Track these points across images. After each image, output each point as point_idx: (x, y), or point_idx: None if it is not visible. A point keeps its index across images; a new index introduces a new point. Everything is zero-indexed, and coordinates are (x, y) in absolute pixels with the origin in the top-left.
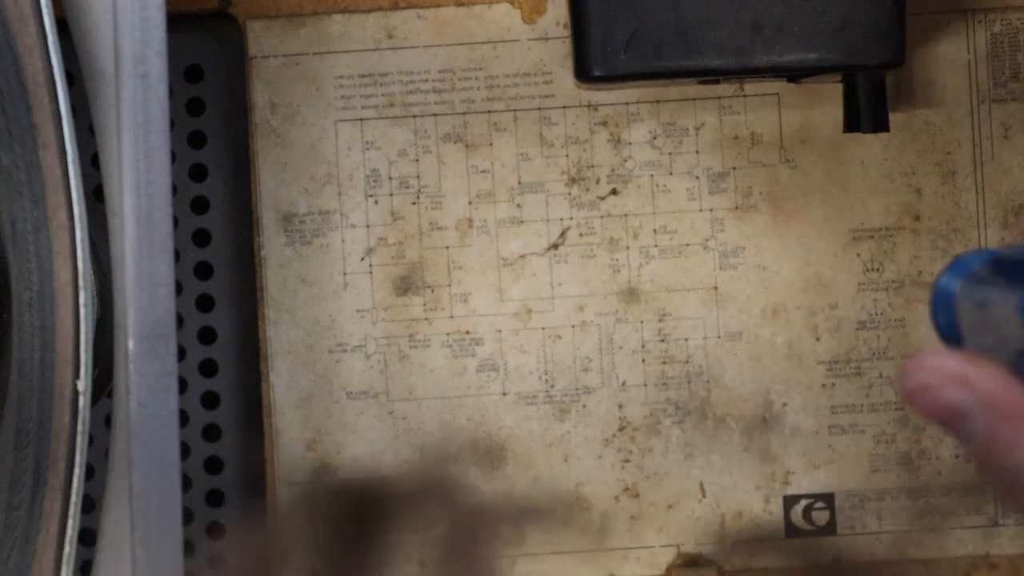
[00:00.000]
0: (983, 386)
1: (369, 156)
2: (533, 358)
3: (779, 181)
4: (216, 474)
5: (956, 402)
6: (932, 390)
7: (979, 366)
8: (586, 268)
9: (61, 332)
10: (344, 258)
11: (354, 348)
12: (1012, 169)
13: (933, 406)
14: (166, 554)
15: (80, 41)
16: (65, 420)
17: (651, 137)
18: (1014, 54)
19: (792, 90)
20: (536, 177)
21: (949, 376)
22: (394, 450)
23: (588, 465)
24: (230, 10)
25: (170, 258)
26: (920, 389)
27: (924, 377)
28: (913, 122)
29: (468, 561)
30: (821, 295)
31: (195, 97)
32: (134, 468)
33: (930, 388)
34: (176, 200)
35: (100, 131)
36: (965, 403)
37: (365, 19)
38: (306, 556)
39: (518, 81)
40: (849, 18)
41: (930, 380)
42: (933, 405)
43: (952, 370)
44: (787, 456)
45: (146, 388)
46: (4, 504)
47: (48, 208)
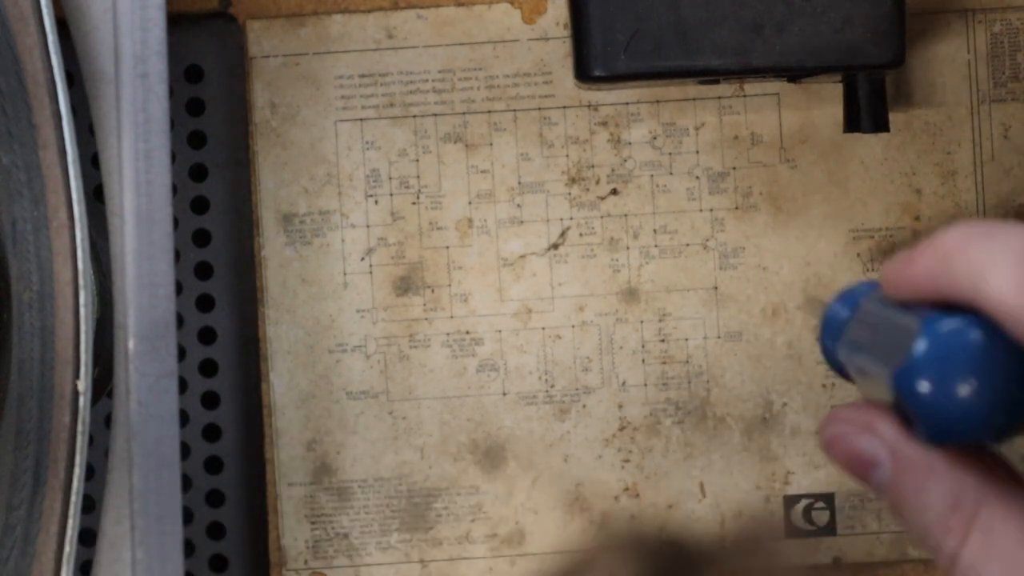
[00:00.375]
0: (888, 435)
1: (369, 156)
2: (533, 358)
3: (779, 181)
4: (216, 474)
5: (865, 451)
6: (844, 438)
7: (884, 416)
8: (586, 268)
9: (61, 332)
10: (344, 258)
11: (354, 348)
12: (1012, 169)
13: (846, 455)
14: (166, 554)
15: (80, 41)
16: (65, 420)
17: (651, 137)
18: (1014, 54)
19: (792, 90)
20: (536, 177)
21: (858, 425)
22: (394, 450)
23: (588, 465)
24: (230, 10)
25: (170, 258)
26: (834, 438)
27: (837, 427)
28: (913, 122)
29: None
30: (821, 295)
31: (195, 97)
32: (134, 468)
33: (842, 437)
34: (176, 200)
35: (100, 131)
36: (873, 452)
37: (365, 19)
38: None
39: (518, 81)
40: (849, 18)
41: (842, 430)
42: (846, 454)
43: (861, 419)
44: (787, 456)
45: (146, 388)
46: (4, 504)
47: (48, 208)
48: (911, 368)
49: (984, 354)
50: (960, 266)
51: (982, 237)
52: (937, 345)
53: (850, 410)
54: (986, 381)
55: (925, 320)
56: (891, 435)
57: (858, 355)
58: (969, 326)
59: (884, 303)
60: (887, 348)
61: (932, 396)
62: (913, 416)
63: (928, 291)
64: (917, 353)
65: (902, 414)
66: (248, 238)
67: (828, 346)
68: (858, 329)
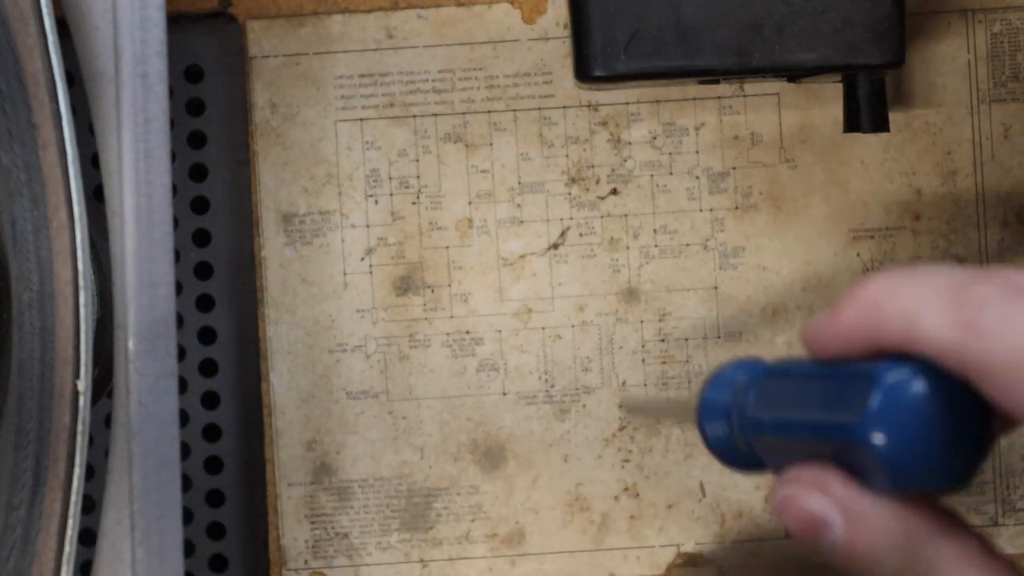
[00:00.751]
0: (838, 492)
1: (369, 156)
2: (533, 358)
3: (779, 181)
4: (216, 474)
5: (816, 510)
6: (795, 499)
7: (832, 472)
8: (586, 268)
9: (61, 332)
10: (344, 258)
11: (354, 348)
12: (1012, 169)
13: (798, 516)
14: (166, 554)
15: (80, 41)
16: (65, 420)
17: (651, 137)
18: (1014, 54)
19: (792, 90)
20: (536, 177)
21: (807, 483)
22: (394, 450)
23: (588, 465)
24: (230, 10)
25: (170, 258)
26: (784, 501)
27: (787, 489)
28: (913, 122)
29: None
30: (821, 295)
31: (195, 97)
32: (134, 468)
33: (793, 499)
34: (176, 200)
35: (100, 131)
36: (824, 510)
37: (365, 19)
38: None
39: (518, 81)
40: (849, 18)
41: (791, 491)
42: (798, 515)
43: (810, 478)
44: None
45: (146, 388)
46: (4, 504)
47: (48, 208)
48: (868, 420)
49: (938, 398)
50: (890, 312)
51: (909, 280)
52: (893, 394)
53: (797, 471)
54: (944, 424)
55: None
56: (841, 491)
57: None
58: (919, 371)
59: (805, 366)
60: (828, 407)
61: (894, 446)
62: (872, 467)
63: (858, 344)
64: (873, 404)
65: (852, 467)
66: (248, 238)
67: (714, 434)
68: (772, 398)
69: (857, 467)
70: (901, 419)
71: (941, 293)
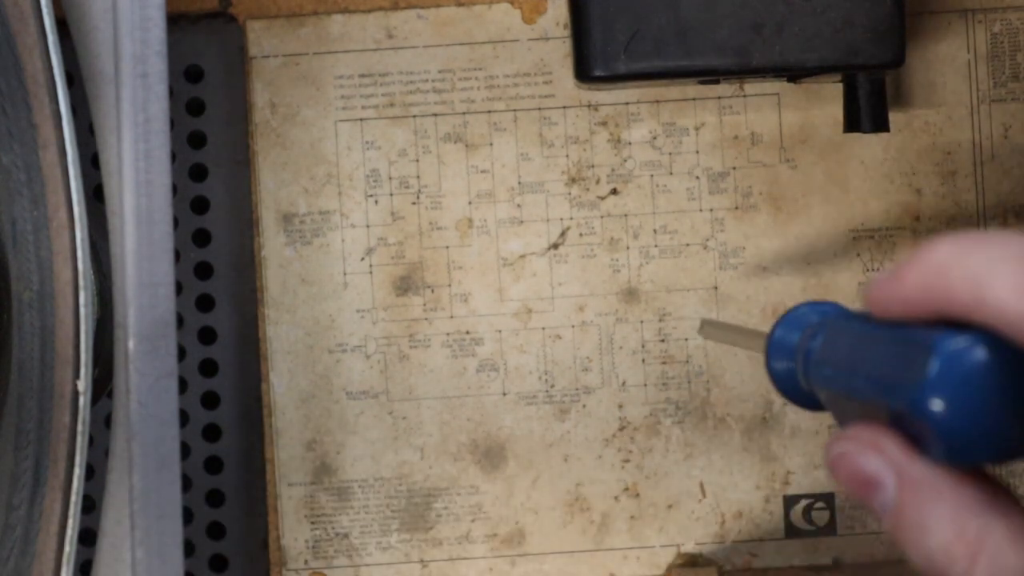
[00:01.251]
0: (894, 455)
1: (369, 156)
2: (533, 358)
3: (779, 181)
4: (216, 474)
5: (871, 470)
6: (850, 456)
7: (890, 435)
8: (586, 268)
9: (61, 332)
10: (344, 258)
11: (354, 348)
12: (1012, 169)
13: (851, 473)
14: (166, 554)
15: (80, 41)
16: (65, 420)
17: (651, 137)
18: (1014, 54)
19: (792, 90)
20: (536, 177)
21: (864, 443)
22: (394, 450)
23: (588, 465)
24: (230, 10)
25: (170, 258)
26: (839, 458)
27: (843, 445)
28: (913, 122)
29: None
30: (821, 295)
31: (195, 97)
32: (134, 468)
33: (848, 456)
34: (176, 200)
35: (100, 131)
36: (878, 471)
37: (365, 19)
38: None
39: (518, 81)
40: (849, 18)
41: (847, 448)
42: (851, 472)
43: (866, 438)
44: (787, 456)
45: (146, 388)
46: (4, 504)
47: (48, 208)
48: (927, 387)
49: (999, 368)
50: (957, 278)
51: (978, 246)
52: (952, 362)
53: (856, 429)
54: (1004, 396)
55: (932, 337)
56: (897, 454)
57: (843, 382)
58: (981, 341)
59: (869, 324)
60: (887, 371)
61: (951, 415)
62: (928, 435)
63: (921, 307)
64: (932, 372)
65: (908, 432)
66: (248, 238)
67: (780, 369)
68: (836, 351)
69: (913, 433)
70: (959, 389)
71: (1011, 261)
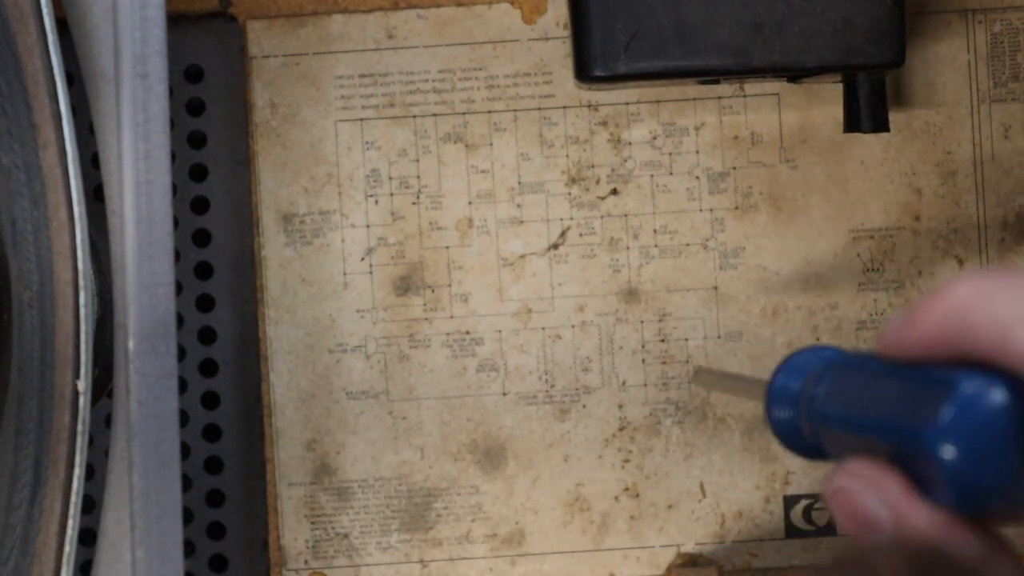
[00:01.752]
0: (894, 496)
1: (369, 156)
2: (533, 358)
3: (779, 181)
4: (216, 474)
5: (869, 509)
6: (849, 493)
7: (893, 475)
8: (586, 268)
9: (61, 332)
10: (344, 258)
11: (354, 348)
12: (1012, 169)
13: (849, 510)
14: (166, 554)
15: (80, 41)
16: (65, 420)
17: (651, 137)
18: (1014, 54)
19: (792, 90)
20: (536, 177)
21: (865, 481)
22: (394, 450)
23: (588, 465)
24: (230, 10)
25: (170, 258)
26: (839, 492)
27: (842, 480)
28: (913, 122)
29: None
30: (821, 295)
31: (195, 97)
32: (134, 468)
33: (848, 492)
34: (176, 200)
35: (100, 131)
36: (876, 511)
37: (365, 19)
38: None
39: (518, 81)
40: (849, 18)
41: (849, 484)
42: (849, 510)
43: (870, 475)
44: (787, 456)
45: (146, 388)
46: (4, 504)
47: (48, 208)
48: (938, 431)
49: (1015, 413)
50: (981, 320)
51: (1002, 286)
52: (966, 405)
53: (857, 464)
54: (1018, 441)
55: (949, 378)
56: (897, 496)
57: (851, 422)
58: (996, 382)
59: (881, 364)
60: (899, 411)
61: (963, 460)
62: (937, 479)
63: (939, 351)
64: (945, 415)
65: (913, 474)
66: (248, 238)
67: (781, 417)
68: (844, 395)
69: (920, 475)
70: (975, 434)
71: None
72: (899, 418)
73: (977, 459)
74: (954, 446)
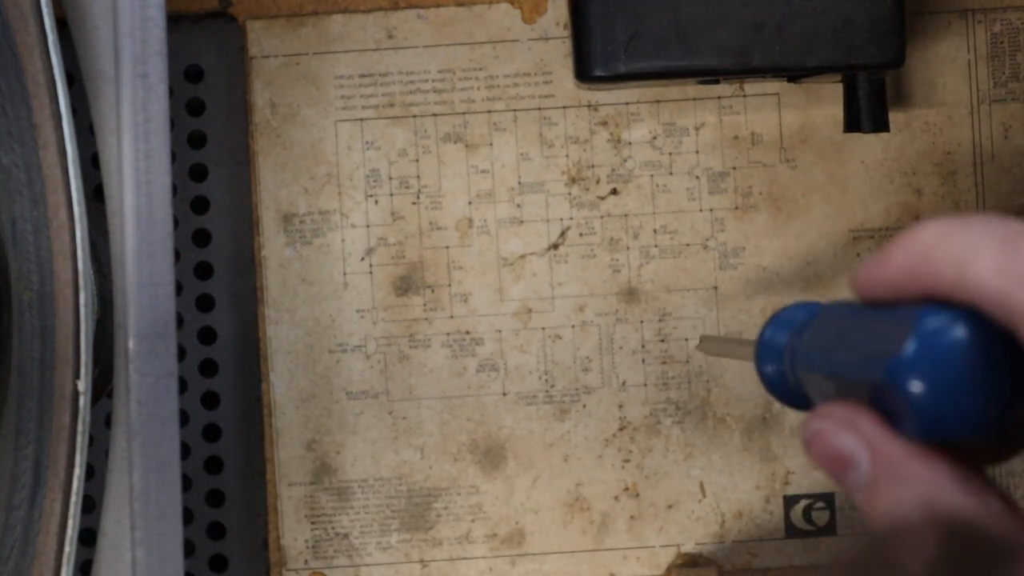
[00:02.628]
0: (868, 432)
1: (369, 156)
2: (533, 358)
3: (779, 181)
4: (216, 474)
5: (845, 448)
6: (825, 435)
7: (865, 412)
8: (586, 268)
9: (61, 332)
10: (344, 258)
11: (354, 348)
12: (1012, 169)
13: (825, 451)
14: (166, 554)
15: (80, 41)
16: (65, 420)
17: (651, 137)
18: (1014, 54)
19: (792, 90)
20: (536, 177)
21: (839, 421)
22: (394, 450)
23: (588, 465)
24: (230, 10)
25: (170, 258)
26: (815, 435)
27: (818, 423)
28: (913, 122)
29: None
30: (821, 295)
31: (195, 97)
32: (134, 468)
33: (823, 433)
34: (176, 200)
35: (100, 131)
36: (852, 449)
37: (365, 19)
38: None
39: (518, 81)
40: (849, 18)
41: (822, 426)
42: (825, 450)
43: (842, 415)
44: (787, 456)
45: (146, 388)
46: (4, 504)
47: (48, 208)
48: (903, 363)
49: (978, 346)
50: (941, 257)
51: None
52: (928, 338)
53: (831, 406)
54: (982, 373)
55: (913, 314)
56: (872, 431)
57: (825, 363)
58: (958, 317)
59: (855, 308)
60: (868, 348)
61: (927, 390)
62: (904, 410)
63: (906, 288)
64: (909, 348)
65: (886, 409)
66: (248, 238)
67: (769, 371)
68: (821, 339)
69: (890, 410)
70: (936, 364)
71: (994, 241)
72: (868, 355)
73: (941, 387)
74: (918, 375)
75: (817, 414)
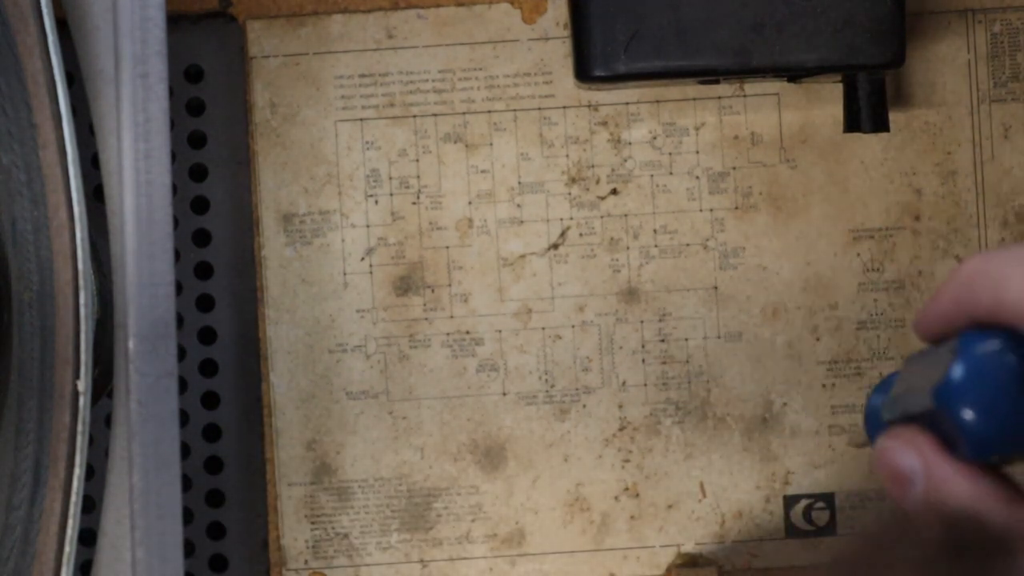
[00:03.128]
0: (924, 452)
1: (369, 156)
2: (533, 358)
3: (779, 181)
4: (216, 474)
5: (904, 465)
6: (890, 452)
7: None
8: (586, 268)
9: (61, 332)
10: (344, 258)
11: (354, 348)
12: (1012, 169)
13: (888, 467)
14: (166, 554)
15: (80, 41)
16: (65, 420)
17: (651, 137)
18: (1014, 54)
19: (792, 90)
20: (536, 177)
21: (903, 440)
22: (394, 450)
23: (588, 465)
24: (230, 10)
25: (170, 258)
26: (883, 451)
27: (886, 441)
28: (913, 122)
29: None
30: (821, 295)
31: (195, 97)
32: (134, 468)
33: (889, 450)
34: (176, 200)
35: (100, 131)
36: (911, 467)
37: (365, 19)
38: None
39: (518, 81)
40: (849, 18)
41: (889, 444)
42: (888, 466)
43: (906, 435)
44: (787, 456)
45: (146, 388)
46: (4, 504)
47: (48, 208)
48: (950, 386)
49: (1013, 362)
50: (980, 283)
51: (999, 255)
52: (971, 361)
53: (900, 428)
54: (1018, 386)
55: (956, 341)
56: (928, 453)
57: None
58: (1000, 339)
59: (922, 351)
60: (925, 376)
61: (972, 411)
62: (955, 433)
63: (956, 319)
64: (953, 371)
65: (940, 433)
66: (248, 238)
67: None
68: (897, 387)
69: (945, 434)
70: (980, 385)
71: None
72: (923, 388)
73: (985, 407)
74: (963, 398)
75: (888, 433)
